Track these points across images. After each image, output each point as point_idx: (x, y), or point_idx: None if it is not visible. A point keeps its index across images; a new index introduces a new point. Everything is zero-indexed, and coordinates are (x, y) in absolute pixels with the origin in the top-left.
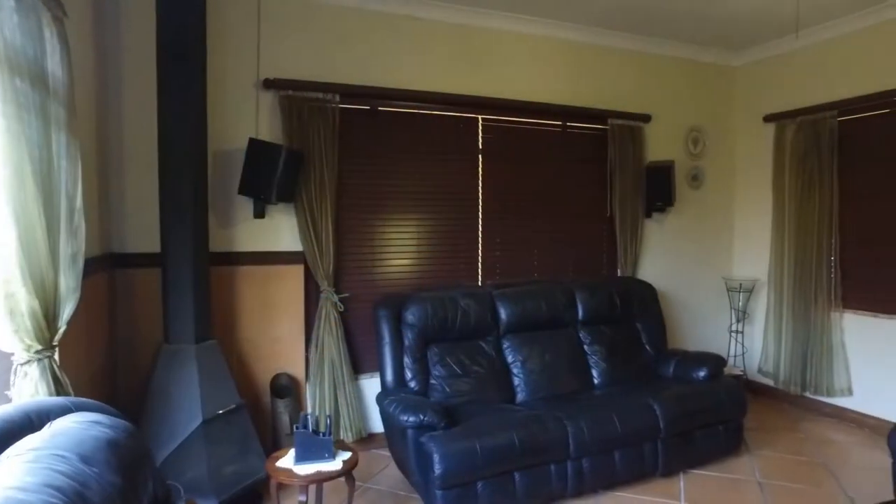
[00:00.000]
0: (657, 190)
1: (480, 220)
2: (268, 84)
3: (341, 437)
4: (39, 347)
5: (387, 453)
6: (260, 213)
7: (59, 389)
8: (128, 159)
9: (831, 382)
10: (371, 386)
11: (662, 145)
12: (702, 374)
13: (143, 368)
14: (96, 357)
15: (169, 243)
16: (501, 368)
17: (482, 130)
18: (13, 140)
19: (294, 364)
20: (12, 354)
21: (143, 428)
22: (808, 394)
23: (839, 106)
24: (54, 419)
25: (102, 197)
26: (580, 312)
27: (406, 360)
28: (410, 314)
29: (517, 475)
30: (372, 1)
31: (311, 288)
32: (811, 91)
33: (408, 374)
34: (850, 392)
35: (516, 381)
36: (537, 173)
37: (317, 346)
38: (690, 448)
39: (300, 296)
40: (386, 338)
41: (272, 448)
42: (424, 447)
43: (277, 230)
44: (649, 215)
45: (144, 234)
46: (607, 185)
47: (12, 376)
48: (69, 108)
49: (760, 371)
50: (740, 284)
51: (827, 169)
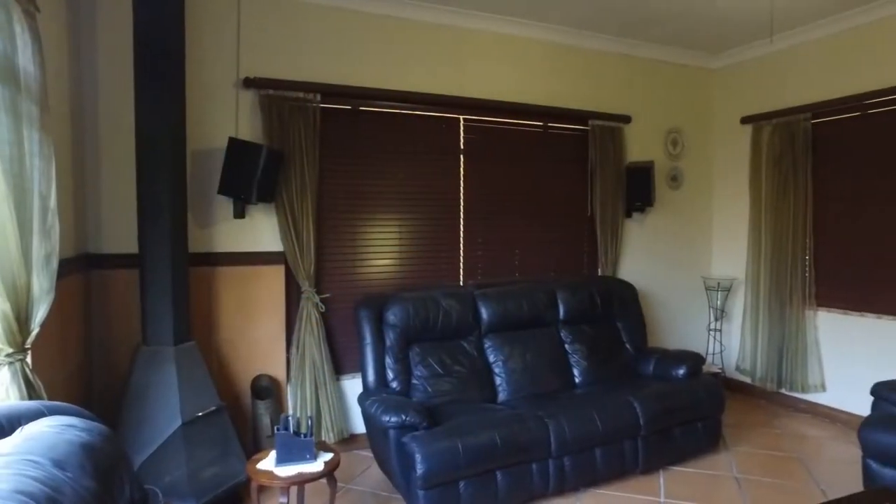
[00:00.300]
0: (637, 190)
1: (462, 220)
2: (248, 83)
3: (323, 439)
4: (11, 350)
5: (369, 454)
6: (240, 214)
7: (32, 393)
8: (104, 158)
9: (805, 379)
10: (353, 386)
11: (642, 146)
12: (681, 373)
13: (121, 371)
14: (71, 360)
15: (147, 244)
16: (483, 368)
17: (464, 131)
18: None
19: (275, 365)
20: None
21: (121, 431)
22: (784, 390)
23: (813, 108)
24: (26, 424)
25: (78, 196)
26: (561, 312)
27: (388, 361)
28: (392, 314)
29: (499, 474)
30: (354, 1)
31: (292, 288)
32: (786, 94)
33: (389, 375)
34: (824, 388)
35: (498, 381)
36: (519, 174)
37: (298, 347)
38: (670, 445)
39: (281, 296)
40: (367, 338)
41: (253, 450)
42: (406, 447)
43: (258, 230)
44: (629, 215)
45: (122, 235)
46: (588, 186)
47: None
48: (42, 106)
49: (738, 368)
50: (718, 283)
51: (801, 170)
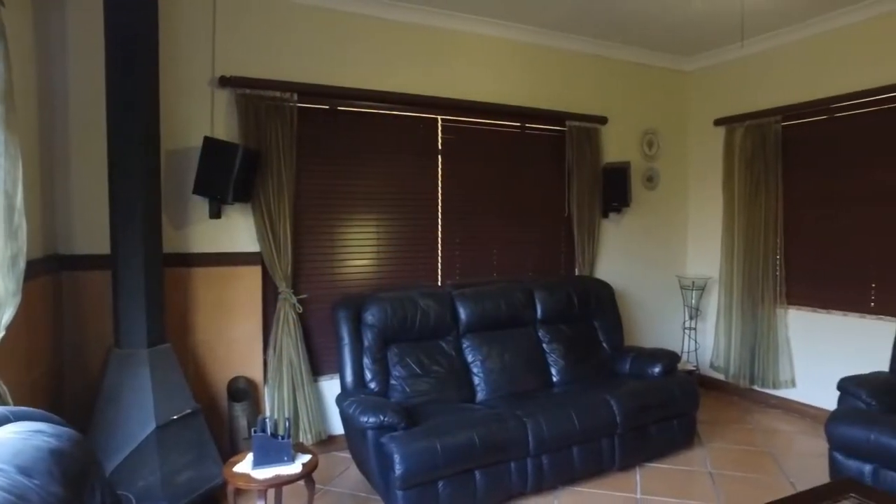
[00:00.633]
0: (614, 190)
1: (440, 221)
2: (224, 82)
3: (300, 440)
4: None
5: (347, 455)
6: (216, 214)
7: None
8: (75, 157)
9: (777, 375)
10: (331, 387)
11: (618, 147)
12: (657, 371)
13: (92, 375)
14: (39, 364)
15: (119, 244)
16: (461, 368)
17: (442, 131)
18: None
19: (252, 367)
20: None
21: (93, 436)
22: (756, 387)
23: (783, 111)
24: None
25: (47, 196)
26: (539, 311)
27: (366, 361)
28: (370, 315)
29: (478, 473)
30: (331, 0)
31: (269, 289)
32: (758, 96)
33: (367, 375)
34: (794, 384)
35: (476, 381)
36: (497, 174)
37: (275, 349)
38: (646, 442)
39: (258, 297)
40: (345, 339)
41: (230, 453)
42: (385, 448)
43: (234, 231)
44: (606, 215)
45: (93, 235)
46: (565, 186)
47: None
48: (7, 103)
49: (712, 366)
50: (693, 282)
51: (772, 171)
